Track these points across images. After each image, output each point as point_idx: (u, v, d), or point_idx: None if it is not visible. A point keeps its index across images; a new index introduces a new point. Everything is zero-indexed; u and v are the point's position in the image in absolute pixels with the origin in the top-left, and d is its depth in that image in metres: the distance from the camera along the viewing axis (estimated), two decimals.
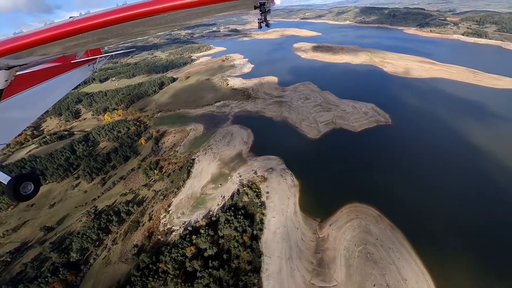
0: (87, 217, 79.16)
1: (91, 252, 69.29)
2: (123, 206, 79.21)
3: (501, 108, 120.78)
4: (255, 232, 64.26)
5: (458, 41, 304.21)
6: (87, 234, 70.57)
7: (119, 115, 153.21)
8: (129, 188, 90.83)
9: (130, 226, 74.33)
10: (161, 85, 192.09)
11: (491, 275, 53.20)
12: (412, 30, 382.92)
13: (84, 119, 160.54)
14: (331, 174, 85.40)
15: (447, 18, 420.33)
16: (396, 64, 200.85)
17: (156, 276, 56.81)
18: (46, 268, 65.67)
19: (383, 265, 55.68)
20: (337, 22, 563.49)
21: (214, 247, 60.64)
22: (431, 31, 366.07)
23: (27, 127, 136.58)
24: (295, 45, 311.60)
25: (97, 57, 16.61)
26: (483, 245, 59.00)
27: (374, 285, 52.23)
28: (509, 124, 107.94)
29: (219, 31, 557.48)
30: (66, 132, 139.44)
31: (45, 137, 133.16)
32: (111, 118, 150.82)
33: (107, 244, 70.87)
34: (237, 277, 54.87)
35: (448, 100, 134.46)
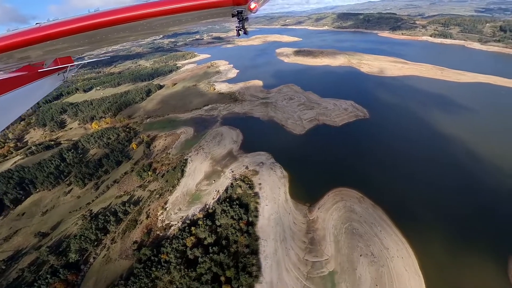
0: (83, 220, 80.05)
1: (90, 252, 70.53)
2: (119, 206, 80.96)
3: (464, 99, 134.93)
4: (250, 219, 68.83)
5: (426, 42, 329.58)
6: (85, 235, 71.78)
7: (107, 123, 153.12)
8: (123, 190, 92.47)
9: (128, 225, 76.29)
10: (148, 92, 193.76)
11: (459, 240, 60.98)
12: (385, 34, 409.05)
13: (71, 128, 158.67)
14: (317, 164, 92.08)
15: (416, 22, 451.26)
16: (371, 64, 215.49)
17: (158, 266, 59.65)
18: (44, 271, 66.23)
19: (367, 238, 62.08)
20: (316, 28, 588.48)
21: (213, 235, 64.48)
22: (402, 34, 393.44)
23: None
24: (278, 50, 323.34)
25: (67, 66, 15.15)
26: (451, 216, 67.15)
27: (360, 255, 58.28)
28: (470, 112, 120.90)
29: (203, 39, 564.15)
30: (52, 142, 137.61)
31: (31, 147, 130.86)
32: (98, 126, 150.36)
33: (106, 244, 72.41)
34: (236, 259, 58.98)
35: (419, 94, 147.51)
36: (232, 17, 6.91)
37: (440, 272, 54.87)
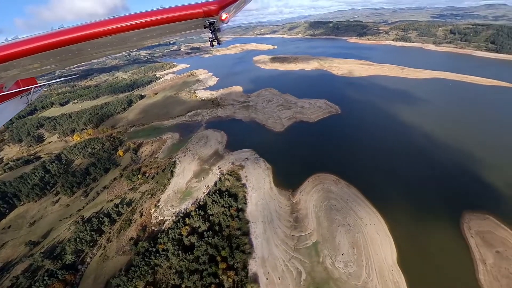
0: (75, 225, 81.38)
1: (87, 253, 72.45)
2: (112, 208, 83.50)
3: (421, 92, 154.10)
4: (240, 206, 75.28)
5: (389, 46, 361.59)
6: (80, 237, 73.65)
7: (89, 134, 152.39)
8: (114, 194, 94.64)
9: (122, 225, 79.11)
10: (130, 103, 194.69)
11: (419, 205, 71.96)
12: (353, 39, 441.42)
13: (50, 142, 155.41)
14: (297, 156, 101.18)
15: (380, 28, 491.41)
16: (342, 67, 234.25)
17: (157, 255, 63.80)
18: (40, 275, 67.19)
19: (344, 211, 71.11)
20: (290, 36, 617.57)
21: (206, 223, 69.90)
22: (368, 39, 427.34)
23: None
24: (255, 58, 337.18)
25: (31, 88, 14.10)
26: (411, 188, 78.62)
27: (338, 226, 66.88)
28: (425, 103, 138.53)
29: (180, 49, 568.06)
30: (31, 157, 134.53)
31: (8, 163, 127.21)
32: (80, 138, 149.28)
33: (102, 243, 74.69)
34: (230, 241, 64.85)
35: (383, 91, 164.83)
36: (204, 28, 6.95)
37: (405, 232, 64.78)
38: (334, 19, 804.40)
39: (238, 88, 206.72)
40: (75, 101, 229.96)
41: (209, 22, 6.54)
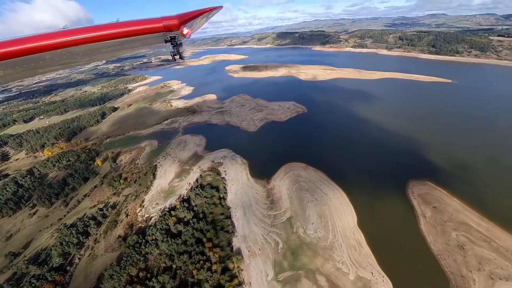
0: (58, 232, 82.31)
1: (74, 255, 74.40)
2: (97, 212, 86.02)
3: (374, 90, 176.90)
4: (221, 195, 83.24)
5: (349, 52, 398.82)
6: (66, 240, 75.47)
7: (62, 148, 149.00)
8: (97, 200, 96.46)
9: (108, 226, 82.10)
10: (103, 115, 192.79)
11: (372, 179, 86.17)
12: (317, 47, 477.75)
13: (17, 159, 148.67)
14: (270, 151, 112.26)
15: (340, 36, 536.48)
16: (307, 73, 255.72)
17: (147, 244, 68.86)
18: (26, 281, 67.93)
19: (312, 190, 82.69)
20: (260, 46, 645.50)
21: (191, 212, 76.63)
22: (330, 46, 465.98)
23: None
24: (227, 68, 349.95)
25: None
26: (366, 167, 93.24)
27: (308, 202, 77.99)
28: (377, 99, 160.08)
29: (151, 62, 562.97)
30: None
31: None
32: (52, 152, 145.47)
33: (89, 245, 77.08)
34: (214, 224, 72.32)
35: (343, 91, 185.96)
36: (165, 42, 6.84)
37: (363, 201, 77.52)
38: (300, 30, 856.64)
39: (212, 96, 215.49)
40: (41, 116, 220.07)
41: (170, 37, 6.50)
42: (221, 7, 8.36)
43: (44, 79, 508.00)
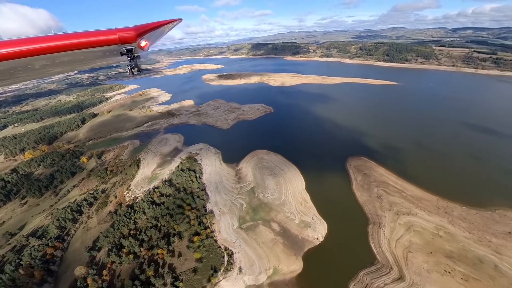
0: (52, 214, 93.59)
1: (69, 228, 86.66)
2: (88, 195, 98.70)
3: (332, 93, 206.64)
4: (198, 175, 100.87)
5: (316, 61, 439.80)
6: (62, 216, 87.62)
7: (43, 151, 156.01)
8: (86, 189, 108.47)
9: (99, 205, 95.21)
10: (83, 121, 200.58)
11: (320, 157, 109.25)
12: (289, 57, 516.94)
13: None
14: (239, 143, 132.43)
15: (310, 47, 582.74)
16: (277, 80, 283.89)
17: (135, 212, 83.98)
18: (27, 251, 79.06)
19: (271, 168, 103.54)
20: (236, 56, 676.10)
21: (172, 188, 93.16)
22: (300, 56, 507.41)
23: None
24: (204, 77, 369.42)
25: None
26: (316, 148, 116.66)
27: (268, 175, 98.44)
28: (333, 100, 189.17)
29: (127, 71, 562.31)
30: None
31: None
32: (33, 155, 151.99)
33: (83, 220, 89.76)
34: (192, 194, 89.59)
35: (305, 94, 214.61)
36: (121, 55, 6.59)
37: (312, 173, 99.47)
38: (275, 41, 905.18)
39: (190, 102, 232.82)
40: (16, 124, 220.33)
41: (126, 49, 6.31)
42: (180, 19, 8.45)
43: (9, 89, 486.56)
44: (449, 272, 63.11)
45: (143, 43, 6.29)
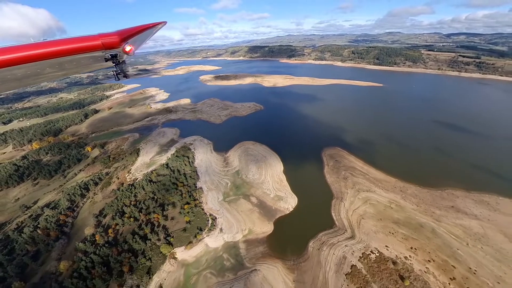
0: (63, 191, 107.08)
1: (78, 202, 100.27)
2: (93, 177, 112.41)
3: (320, 93, 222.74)
4: (191, 160, 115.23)
5: (310, 64, 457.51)
6: (72, 192, 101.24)
7: (50, 142, 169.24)
8: (91, 172, 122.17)
9: (104, 185, 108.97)
10: (86, 116, 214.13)
11: (299, 148, 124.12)
12: (284, 60, 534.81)
13: (4, 153, 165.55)
14: (230, 135, 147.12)
15: (305, 50, 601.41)
16: (270, 81, 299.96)
17: (135, 188, 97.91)
18: (43, 218, 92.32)
19: (255, 155, 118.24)
20: (233, 58, 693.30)
21: (168, 169, 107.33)
22: (295, 59, 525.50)
23: None
24: (201, 77, 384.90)
25: None
26: (296, 141, 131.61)
27: (251, 161, 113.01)
28: (321, 100, 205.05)
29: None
30: None
31: None
32: (40, 145, 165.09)
33: (89, 196, 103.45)
34: (185, 175, 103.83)
35: (295, 94, 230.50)
36: (106, 61, 6.54)
37: (290, 160, 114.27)
38: (273, 44, 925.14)
39: (187, 100, 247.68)
40: (21, 119, 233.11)
41: (110, 55, 6.25)
42: (165, 22, 8.41)
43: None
44: (393, 233, 77.79)
45: (127, 48, 6.33)
